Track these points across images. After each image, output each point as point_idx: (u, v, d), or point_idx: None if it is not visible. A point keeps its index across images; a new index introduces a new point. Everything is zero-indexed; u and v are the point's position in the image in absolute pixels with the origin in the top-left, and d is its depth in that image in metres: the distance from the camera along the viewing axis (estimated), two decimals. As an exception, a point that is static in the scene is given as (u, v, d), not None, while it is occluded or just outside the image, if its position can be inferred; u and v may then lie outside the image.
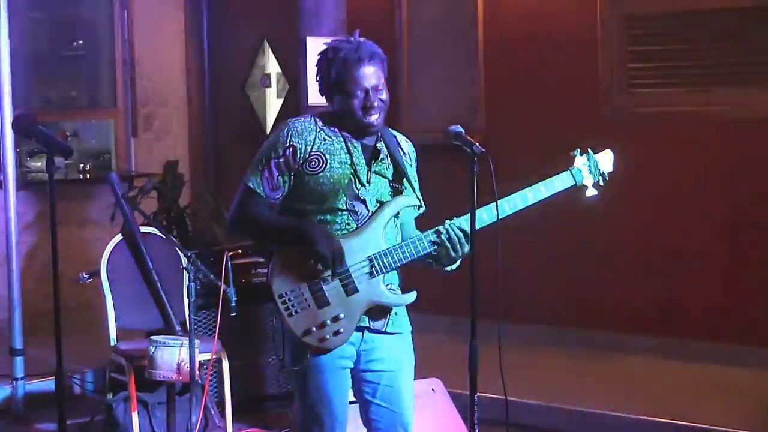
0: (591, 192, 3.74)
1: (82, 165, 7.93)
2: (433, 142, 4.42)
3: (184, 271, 4.37)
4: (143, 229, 5.41)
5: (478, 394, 3.40)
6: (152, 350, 4.64)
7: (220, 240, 6.60)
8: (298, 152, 3.43)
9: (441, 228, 3.48)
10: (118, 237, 5.38)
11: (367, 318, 3.48)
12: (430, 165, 4.02)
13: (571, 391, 5.86)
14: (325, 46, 3.52)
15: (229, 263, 4.77)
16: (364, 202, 3.48)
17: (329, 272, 3.39)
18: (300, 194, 3.47)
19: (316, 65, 3.53)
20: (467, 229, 3.44)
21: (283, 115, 8.03)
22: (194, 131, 8.55)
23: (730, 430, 5.15)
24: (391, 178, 3.55)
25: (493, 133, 6.92)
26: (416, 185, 3.60)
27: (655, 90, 6.64)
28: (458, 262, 3.54)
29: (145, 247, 5.33)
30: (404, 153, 3.61)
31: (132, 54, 8.11)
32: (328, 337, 3.41)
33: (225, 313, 4.26)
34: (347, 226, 3.46)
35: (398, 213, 3.54)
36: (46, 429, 5.52)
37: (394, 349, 3.56)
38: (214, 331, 4.83)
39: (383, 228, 3.48)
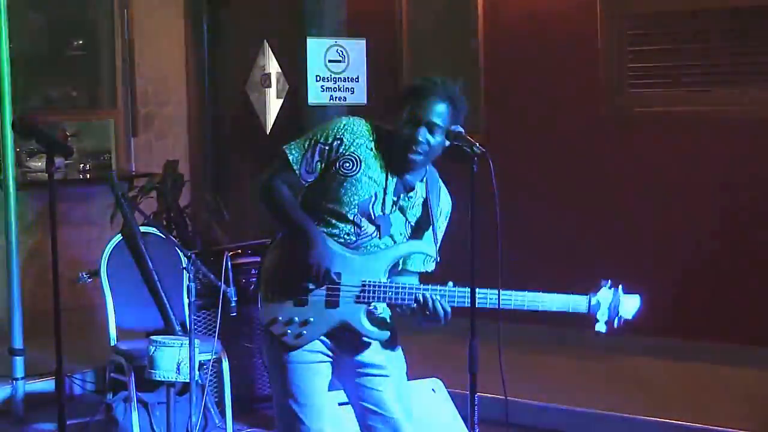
0: (600, 327, 3.54)
1: (82, 165, 7.93)
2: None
3: (184, 271, 4.37)
4: (143, 229, 5.40)
5: (478, 394, 3.40)
6: (152, 350, 4.64)
7: (220, 240, 6.60)
8: (342, 146, 3.44)
9: (426, 296, 3.43)
10: (118, 237, 5.38)
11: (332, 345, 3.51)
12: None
13: (571, 391, 5.86)
14: None
15: (229, 263, 4.77)
16: (374, 224, 3.47)
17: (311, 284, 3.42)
18: (320, 186, 3.48)
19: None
20: (448, 309, 3.44)
21: (283, 115, 8.02)
22: (194, 131, 8.55)
23: (730, 430, 5.15)
24: (412, 221, 3.54)
25: (493, 133, 6.91)
26: (438, 240, 3.56)
27: (655, 90, 6.64)
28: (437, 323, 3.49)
29: (145, 247, 5.33)
30: (438, 205, 3.58)
31: (132, 54, 8.10)
32: (288, 332, 3.46)
33: (225, 313, 4.27)
34: (347, 237, 3.46)
35: (410, 255, 3.53)
36: (46, 429, 5.52)
37: (384, 355, 3.57)
38: (214, 331, 4.83)
39: (390, 261, 3.48)
